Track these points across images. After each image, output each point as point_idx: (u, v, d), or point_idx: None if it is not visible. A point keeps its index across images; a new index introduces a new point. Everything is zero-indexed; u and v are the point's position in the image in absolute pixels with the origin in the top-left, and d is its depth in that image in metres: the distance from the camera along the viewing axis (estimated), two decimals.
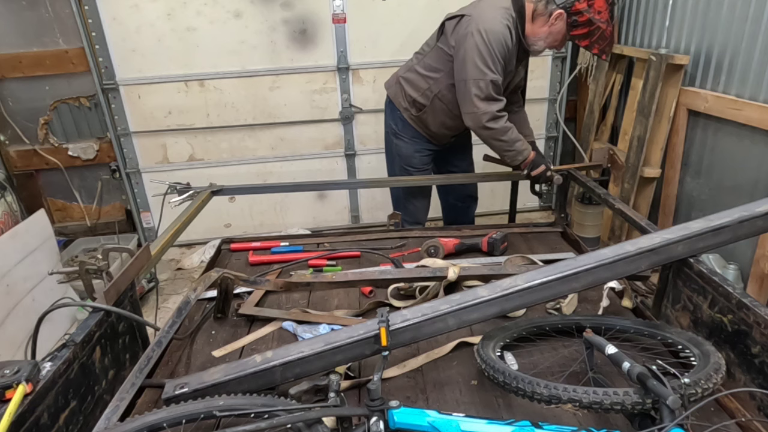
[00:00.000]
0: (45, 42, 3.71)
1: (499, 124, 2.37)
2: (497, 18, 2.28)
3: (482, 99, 2.32)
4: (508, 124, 2.40)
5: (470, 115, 2.38)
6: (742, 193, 2.79)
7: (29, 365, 1.14)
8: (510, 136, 2.41)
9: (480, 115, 2.35)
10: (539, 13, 2.31)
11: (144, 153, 4.06)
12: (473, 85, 2.31)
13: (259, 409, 1.18)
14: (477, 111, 2.34)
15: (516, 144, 2.43)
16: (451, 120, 2.58)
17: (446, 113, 2.57)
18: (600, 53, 2.40)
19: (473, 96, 2.32)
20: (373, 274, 1.95)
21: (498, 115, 2.36)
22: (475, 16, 2.32)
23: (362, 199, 4.44)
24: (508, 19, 2.30)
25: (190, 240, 4.20)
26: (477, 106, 2.33)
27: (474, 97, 2.32)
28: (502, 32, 2.27)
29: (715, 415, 1.32)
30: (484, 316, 1.39)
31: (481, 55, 2.27)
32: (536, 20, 2.33)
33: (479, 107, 2.33)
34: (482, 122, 2.36)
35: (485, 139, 2.46)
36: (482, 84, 2.30)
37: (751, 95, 2.68)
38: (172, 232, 2.05)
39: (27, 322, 2.75)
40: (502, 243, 2.28)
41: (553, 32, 2.33)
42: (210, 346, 1.69)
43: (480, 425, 1.14)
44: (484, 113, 2.34)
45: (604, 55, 2.44)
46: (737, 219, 1.47)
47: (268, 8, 3.75)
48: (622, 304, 1.81)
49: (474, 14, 2.33)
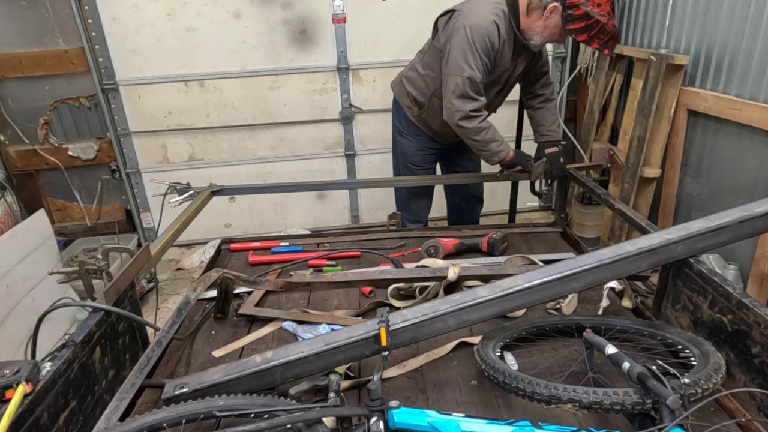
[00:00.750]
0: (45, 42, 3.71)
1: (471, 124, 2.35)
2: (485, 14, 2.26)
3: (457, 96, 2.31)
4: (483, 124, 2.37)
5: (447, 110, 2.38)
6: (742, 193, 2.79)
7: (29, 365, 1.14)
8: (483, 137, 2.38)
9: (453, 112, 2.35)
10: (534, 7, 2.27)
11: (144, 153, 4.06)
12: (451, 81, 2.31)
13: (259, 409, 1.17)
14: (451, 107, 2.34)
15: (490, 145, 2.40)
16: None
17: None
18: (601, 48, 2.32)
19: (450, 92, 2.32)
20: (373, 274, 1.95)
21: (471, 115, 2.33)
22: (465, 12, 2.31)
23: (362, 199, 4.44)
24: (498, 14, 2.27)
25: (190, 240, 4.20)
26: (452, 102, 2.33)
27: (451, 93, 2.32)
28: (487, 29, 2.24)
29: (715, 415, 1.32)
30: (484, 316, 1.39)
31: (463, 51, 2.26)
32: (531, 14, 2.29)
33: (453, 104, 2.33)
34: (455, 119, 2.36)
35: (461, 136, 2.45)
36: (459, 80, 2.29)
37: (751, 95, 2.68)
38: (172, 232, 2.05)
39: (27, 322, 2.75)
40: (502, 243, 2.28)
41: (549, 26, 2.28)
42: (210, 346, 1.69)
43: (480, 425, 1.14)
44: (457, 111, 2.33)
45: (607, 50, 2.34)
46: (737, 219, 1.47)
47: (268, 8, 3.75)
48: (622, 304, 1.81)
49: (464, 10, 2.33)
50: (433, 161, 2.83)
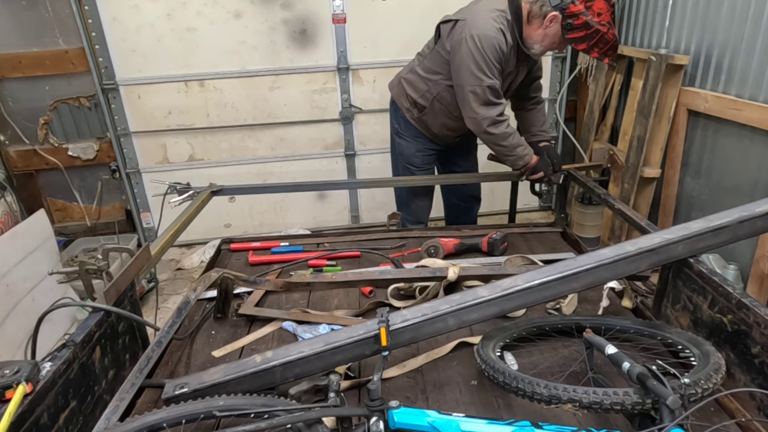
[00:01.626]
0: (45, 42, 3.71)
1: (499, 129, 2.36)
2: (490, 23, 2.26)
3: (481, 104, 2.32)
4: (509, 129, 2.40)
5: (471, 119, 2.39)
6: (742, 193, 2.79)
7: (29, 365, 1.14)
8: (510, 142, 2.41)
9: (480, 120, 2.35)
10: (534, 15, 2.28)
11: (144, 153, 4.06)
12: (470, 92, 2.31)
13: (259, 409, 1.17)
14: (477, 116, 2.35)
15: (517, 150, 2.43)
16: (452, 121, 2.58)
17: (446, 114, 2.57)
18: (601, 57, 2.33)
19: (472, 102, 2.33)
20: (373, 274, 1.95)
21: (498, 120, 2.35)
22: (469, 21, 2.30)
23: (362, 199, 4.44)
24: (502, 22, 2.28)
25: (190, 240, 4.20)
26: (476, 111, 2.34)
27: (473, 104, 2.33)
28: (495, 37, 2.25)
29: (715, 415, 1.33)
30: (484, 316, 1.39)
31: (476, 61, 2.26)
32: (532, 22, 2.30)
33: (479, 113, 2.34)
34: (483, 127, 2.37)
35: (486, 142, 2.47)
36: (479, 90, 2.30)
37: (751, 95, 2.68)
38: (172, 232, 2.05)
39: (27, 322, 2.75)
40: (502, 243, 2.28)
41: (549, 35, 2.29)
42: (210, 346, 1.69)
43: (480, 425, 1.14)
44: (484, 118, 2.34)
45: (607, 58, 2.36)
46: (737, 219, 1.47)
47: (268, 8, 3.75)
48: (622, 304, 1.81)
49: (468, 19, 2.32)
50: (432, 161, 2.83)
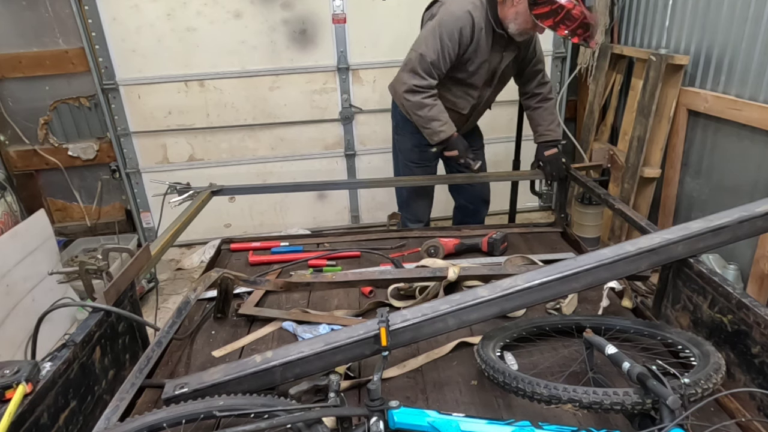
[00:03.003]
0: (45, 42, 3.71)
1: (414, 98, 2.40)
2: (463, 3, 2.32)
3: (407, 70, 2.39)
4: (427, 101, 2.40)
5: (394, 82, 2.47)
6: (742, 193, 2.79)
7: (29, 365, 1.14)
8: (425, 113, 2.41)
9: (399, 84, 2.42)
10: None
11: (144, 153, 4.06)
12: (409, 56, 2.40)
13: (259, 409, 1.18)
14: (399, 79, 2.43)
15: (432, 123, 2.43)
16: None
17: None
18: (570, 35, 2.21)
19: (404, 65, 2.41)
20: (373, 274, 1.95)
21: (415, 89, 2.38)
22: (447, 3, 2.39)
23: (362, 199, 4.43)
24: (475, 3, 2.32)
25: (190, 240, 4.20)
26: (400, 75, 2.42)
27: (404, 65, 2.41)
28: (460, 16, 2.30)
29: (715, 415, 1.33)
30: (484, 316, 1.39)
31: (426, 32, 2.36)
32: (505, 2, 2.32)
33: (401, 77, 2.41)
34: (399, 91, 2.43)
35: (404, 110, 2.53)
36: (413, 55, 2.37)
37: (751, 95, 2.68)
38: (172, 232, 2.05)
39: (27, 322, 2.75)
40: (502, 243, 2.28)
41: (520, 12, 2.28)
42: (210, 346, 1.69)
43: (480, 425, 1.14)
44: (403, 83, 2.40)
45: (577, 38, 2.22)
46: (737, 219, 1.47)
47: (268, 8, 3.75)
48: (622, 304, 1.81)
49: (447, 1, 2.40)
50: (432, 158, 2.81)
